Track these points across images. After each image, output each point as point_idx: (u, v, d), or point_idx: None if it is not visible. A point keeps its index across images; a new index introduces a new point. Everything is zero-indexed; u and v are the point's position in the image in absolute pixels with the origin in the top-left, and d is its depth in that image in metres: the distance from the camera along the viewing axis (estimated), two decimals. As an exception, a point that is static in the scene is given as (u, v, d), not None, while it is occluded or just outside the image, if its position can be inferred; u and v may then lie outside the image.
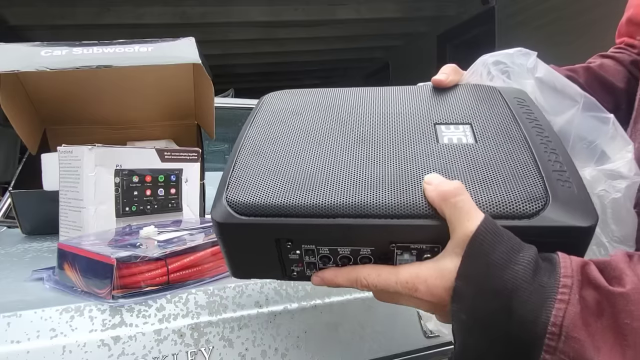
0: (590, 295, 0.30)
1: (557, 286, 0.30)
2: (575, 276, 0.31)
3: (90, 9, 3.82)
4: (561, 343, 0.29)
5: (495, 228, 0.33)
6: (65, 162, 0.81)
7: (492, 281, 0.32)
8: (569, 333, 0.29)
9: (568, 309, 0.30)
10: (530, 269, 0.31)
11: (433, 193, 0.36)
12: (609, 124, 0.45)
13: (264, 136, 0.48)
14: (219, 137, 1.22)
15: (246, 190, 0.40)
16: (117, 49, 0.95)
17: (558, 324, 0.29)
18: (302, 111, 0.51)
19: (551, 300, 0.30)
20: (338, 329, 0.65)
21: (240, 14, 4.14)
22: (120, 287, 0.55)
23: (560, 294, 0.30)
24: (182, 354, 0.56)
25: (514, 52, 0.52)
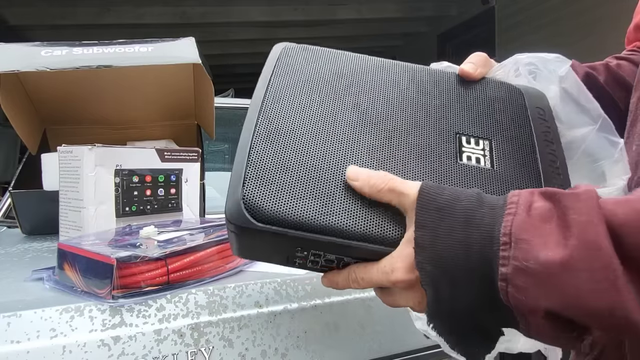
0: (541, 204, 0.32)
1: (505, 205, 0.33)
2: (522, 194, 0.33)
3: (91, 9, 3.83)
4: (512, 250, 0.31)
5: (434, 183, 0.37)
6: (65, 162, 0.81)
7: (444, 220, 0.34)
8: (517, 237, 0.31)
9: (515, 218, 0.32)
10: (475, 199, 0.34)
11: (365, 189, 0.38)
12: (617, 147, 0.46)
13: (281, 116, 0.44)
14: (219, 137, 1.22)
15: (265, 193, 0.39)
16: (117, 49, 0.95)
17: (507, 233, 0.31)
18: (322, 87, 0.47)
19: (500, 217, 0.32)
20: (338, 329, 0.65)
21: (240, 14, 4.14)
22: (120, 287, 0.55)
23: (508, 209, 0.32)
24: (182, 354, 0.56)
25: (552, 57, 0.52)
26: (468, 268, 0.33)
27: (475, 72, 0.51)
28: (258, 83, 0.48)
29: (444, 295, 0.35)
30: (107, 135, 1.15)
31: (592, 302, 0.29)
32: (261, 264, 0.73)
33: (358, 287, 0.41)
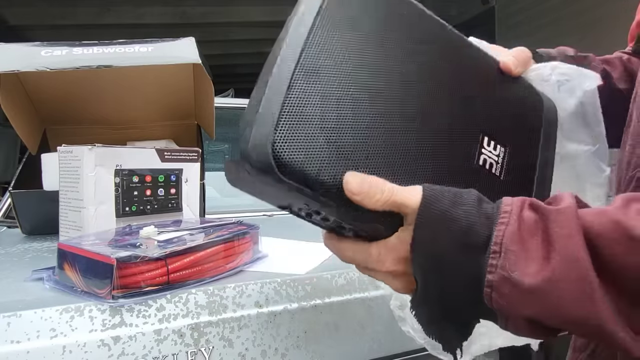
0: (529, 215, 0.34)
1: (498, 213, 0.34)
2: (514, 203, 0.35)
3: (91, 9, 3.83)
4: (500, 259, 0.32)
5: (438, 188, 0.37)
6: (65, 162, 0.81)
7: (445, 224, 0.35)
8: (507, 247, 0.33)
9: (507, 228, 0.33)
10: (475, 208, 0.35)
11: (366, 202, 0.36)
12: (603, 174, 0.49)
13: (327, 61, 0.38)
14: (219, 137, 1.22)
15: (300, 147, 0.34)
16: (117, 49, 0.95)
17: (499, 242, 0.33)
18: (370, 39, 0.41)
19: (494, 225, 0.34)
20: (338, 329, 0.65)
21: (240, 14, 4.14)
22: (120, 287, 0.55)
23: (501, 218, 0.34)
24: (182, 354, 0.56)
25: (586, 72, 0.52)
26: (460, 270, 0.35)
27: (515, 69, 0.50)
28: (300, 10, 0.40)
29: (432, 288, 0.37)
30: (107, 135, 1.15)
31: (570, 312, 0.31)
32: (261, 264, 0.73)
33: (347, 262, 0.41)
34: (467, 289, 0.35)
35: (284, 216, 1.22)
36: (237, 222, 0.77)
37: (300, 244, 0.86)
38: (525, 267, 0.32)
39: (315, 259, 0.75)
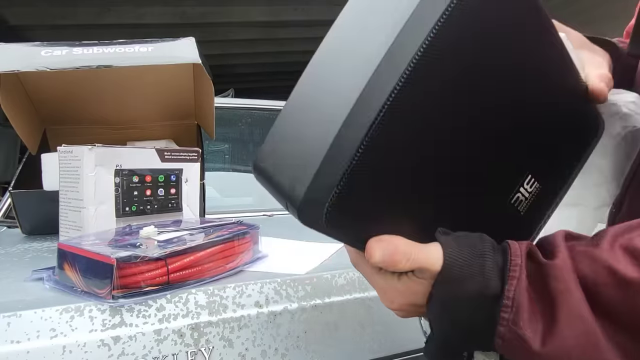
0: (532, 268, 0.35)
1: (509, 266, 0.35)
2: (522, 255, 0.35)
3: (91, 9, 3.83)
4: (512, 314, 0.34)
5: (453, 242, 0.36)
6: (65, 162, 0.81)
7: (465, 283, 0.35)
8: (518, 303, 0.34)
9: (518, 284, 0.34)
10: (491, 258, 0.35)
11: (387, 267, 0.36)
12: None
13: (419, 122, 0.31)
14: (219, 137, 1.22)
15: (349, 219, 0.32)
16: (117, 49, 0.95)
17: (511, 297, 0.34)
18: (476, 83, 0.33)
19: (506, 278, 0.34)
20: (338, 329, 0.65)
21: (240, 14, 4.14)
22: (120, 287, 0.55)
23: (511, 272, 0.35)
24: (182, 354, 0.56)
25: None
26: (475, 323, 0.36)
27: (603, 97, 0.42)
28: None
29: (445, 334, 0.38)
30: (107, 135, 1.15)
31: None
32: (261, 264, 0.73)
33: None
34: (479, 338, 0.37)
35: (284, 216, 1.22)
36: (237, 222, 0.77)
37: (300, 244, 0.86)
38: (536, 325, 0.33)
39: (315, 259, 0.75)
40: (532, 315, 0.34)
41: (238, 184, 1.58)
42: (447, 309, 0.37)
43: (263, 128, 1.74)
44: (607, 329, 0.32)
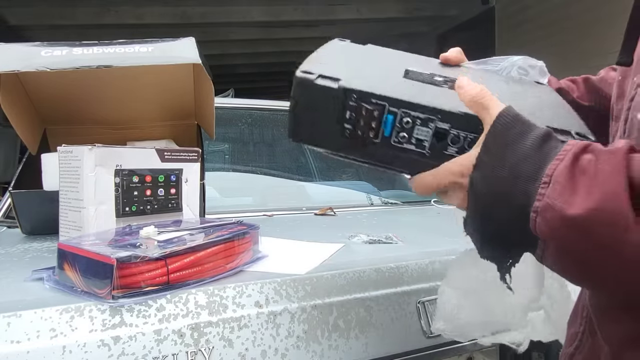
0: (586, 156, 0.37)
1: (558, 152, 0.38)
2: (575, 145, 0.38)
3: (90, 9, 3.83)
4: (549, 189, 0.37)
5: (514, 112, 0.41)
6: (65, 162, 0.81)
7: (507, 153, 0.40)
8: (555, 179, 0.37)
9: (560, 164, 0.37)
10: (537, 142, 0.39)
11: (465, 97, 0.45)
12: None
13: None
14: (219, 137, 1.22)
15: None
16: (117, 49, 0.95)
17: (549, 174, 0.37)
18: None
19: (550, 160, 0.38)
20: (338, 329, 0.65)
21: (240, 14, 4.14)
22: (120, 287, 0.55)
23: (559, 155, 0.38)
24: (182, 354, 0.56)
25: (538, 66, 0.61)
26: (511, 197, 0.39)
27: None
28: None
29: (483, 207, 0.42)
30: (107, 135, 1.15)
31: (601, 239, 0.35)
32: (261, 264, 0.73)
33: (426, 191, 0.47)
34: (514, 215, 0.39)
35: (284, 216, 1.22)
36: (237, 222, 0.77)
37: (300, 244, 0.86)
38: (569, 197, 0.36)
39: (315, 259, 0.75)
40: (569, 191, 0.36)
41: (238, 184, 1.58)
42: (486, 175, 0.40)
43: (263, 128, 1.74)
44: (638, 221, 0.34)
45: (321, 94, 0.47)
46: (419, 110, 0.45)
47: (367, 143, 0.47)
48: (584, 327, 0.49)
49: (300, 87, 0.48)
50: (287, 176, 1.69)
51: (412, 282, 0.72)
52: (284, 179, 1.67)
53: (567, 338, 0.54)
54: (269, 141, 1.75)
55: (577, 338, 0.50)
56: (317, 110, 0.48)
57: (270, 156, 1.74)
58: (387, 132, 0.46)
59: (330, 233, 0.97)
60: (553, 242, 0.38)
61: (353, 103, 0.46)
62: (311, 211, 1.23)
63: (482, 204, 0.42)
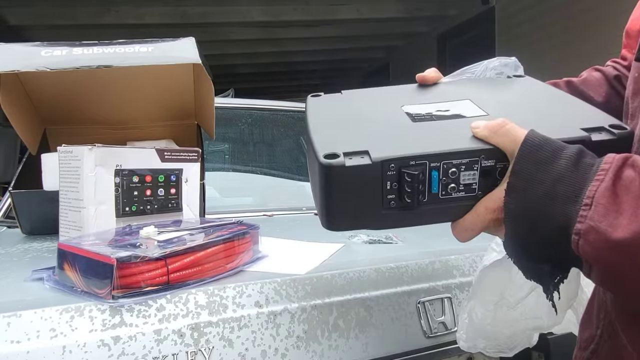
0: (627, 173, 0.36)
1: (597, 171, 0.37)
2: (614, 162, 0.37)
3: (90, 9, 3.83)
4: (590, 211, 0.35)
5: (541, 135, 0.40)
6: (65, 162, 0.81)
7: (539, 174, 0.38)
8: (597, 202, 0.35)
9: (601, 185, 0.36)
10: (572, 161, 0.38)
11: (484, 131, 0.43)
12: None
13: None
14: (219, 137, 1.22)
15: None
16: (117, 49, 0.95)
17: (591, 196, 0.36)
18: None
19: (590, 181, 0.36)
20: (338, 329, 0.65)
21: (240, 14, 4.14)
22: (120, 287, 0.55)
23: (597, 175, 0.36)
24: (182, 354, 0.56)
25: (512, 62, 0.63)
26: (549, 218, 0.38)
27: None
28: None
29: (521, 231, 0.40)
30: (107, 135, 1.15)
31: None
32: (261, 264, 0.73)
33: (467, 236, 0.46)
34: (555, 236, 0.38)
35: (284, 216, 1.22)
36: (237, 222, 0.77)
37: (300, 244, 0.86)
38: (614, 219, 0.34)
39: (315, 259, 0.75)
40: (614, 213, 0.34)
41: (238, 184, 1.58)
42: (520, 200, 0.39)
43: (263, 128, 1.74)
44: None
45: (356, 174, 0.43)
46: (462, 156, 0.43)
47: (415, 207, 0.44)
48: (601, 331, 0.47)
49: (331, 175, 0.43)
50: (287, 176, 1.69)
51: (412, 282, 0.72)
52: (284, 179, 1.67)
53: (580, 340, 0.52)
54: (269, 141, 1.75)
55: (594, 342, 0.48)
56: (353, 193, 0.44)
57: (270, 156, 1.74)
58: (435, 188, 0.43)
59: (330, 233, 0.97)
60: (598, 264, 0.36)
61: (392, 172, 0.43)
62: (311, 211, 1.23)
63: (520, 228, 0.40)
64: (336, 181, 0.43)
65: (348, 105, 0.60)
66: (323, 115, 0.56)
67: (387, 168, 0.43)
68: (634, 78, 0.50)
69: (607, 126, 0.44)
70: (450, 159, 0.43)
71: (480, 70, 0.63)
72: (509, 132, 0.42)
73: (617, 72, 0.63)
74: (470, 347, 0.60)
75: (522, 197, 0.39)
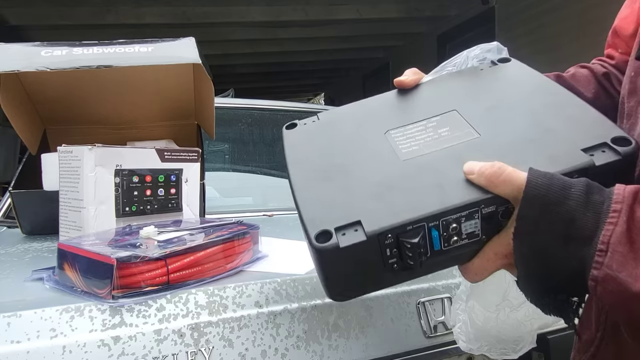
0: (637, 210, 0.34)
1: (608, 211, 0.35)
2: (625, 201, 0.35)
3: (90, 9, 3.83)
4: (607, 258, 0.34)
5: (542, 173, 0.38)
6: (65, 162, 0.81)
7: (548, 216, 0.36)
8: (614, 249, 0.34)
9: (615, 229, 0.34)
10: (581, 201, 0.36)
11: (481, 180, 0.41)
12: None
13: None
14: (219, 137, 1.22)
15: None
16: (117, 49, 0.95)
17: (605, 242, 0.34)
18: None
19: (603, 224, 0.35)
20: (338, 329, 0.65)
21: (240, 14, 4.14)
22: (120, 287, 0.55)
23: (610, 218, 0.35)
24: (182, 354, 0.56)
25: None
26: (563, 261, 0.36)
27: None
28: None
29: (535, 275, 0.39)
30: (107, 135, 1.15)
31: None
32: (261, 264, 0.73)
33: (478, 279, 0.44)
34: (570, 277, 0.37)
35: (284, 216, 1.22)
36: (237, 222, 0.77)
37: (301, 244, 0.86)
38: (634, 268, 0.33)
39: (315, 259, 0.75)
40: (633, 261, 0.33)
41: (238, 184, 1.58)
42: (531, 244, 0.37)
43: (263, 128, 1.74)
44: None
45: (352, 252, 0.40)
46: (461, 210, 0.41)
47: (419, 266, 0.42)
48: (601, 334, 0.46)
49: (327, 258, 0.41)
50: (288, 176, 1.68)
51: (412, 282, 0.72)
52: (284, 179, 1.66)
53: (578, 343, 0.51)
54: (269, 141, 1.75)
55: (594, 344, 0.47)
56: (352, 268, 0.42)
57: (270, 156, 1.74)
58: (437, 246, 0.41)
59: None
60: (618, 310, 0.36)
61: (390, 241, 0.41)
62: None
63: (533, 270, 0.39)
64: (332, 262, 0.42)
65: (328, 140, 0.55)
66: (304, 160, 0.53)
67: (384, 239, 0.40)
68: (630, 77, 0.49)
69: (609, 141, 0.41)
70: (449, 215, 0.41)
71: (462, 62, 0.60)
72: (508, 180, 0.39)
73: (605, 70, 0.63)
74: (472, 349, 0.59)
75: (532, 241, 0.37)
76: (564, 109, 0.48)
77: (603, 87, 0.62)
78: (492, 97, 0.53)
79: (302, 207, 0.46)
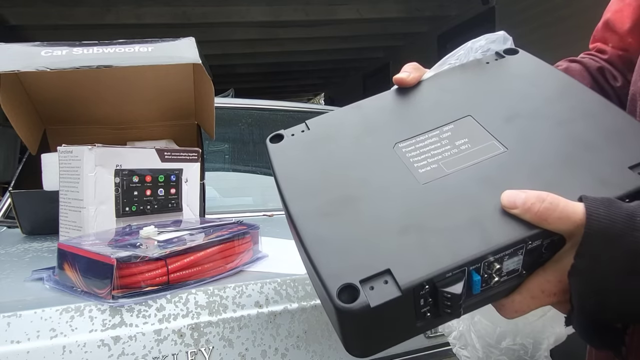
0: None
1: None
2: None
3: (90, 9, 3.83)
4: None
5: (600, 200, 0.34)
6: (65, 162, 0.81)
7: (610, 252, 0.32)
8: None
9: None
10: None
11: (529, 216, 0.35)
12: None
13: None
14: (219, 137, 1.22)
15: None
16: (117, 49, 0.95)
17: None
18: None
19: None
20: (338, 329, 0.65)
21: (240, 14, 4.14)
22: (120, 287, 0.55)
23: None
24: (182, 354, 0.56)
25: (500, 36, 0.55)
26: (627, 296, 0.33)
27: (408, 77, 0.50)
28: None
29: (594, 312, 0.35)
30: (107, 135, 1.15)
31: None
32: (261, 264, 0.73)
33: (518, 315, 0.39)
34: (633, 310, 0.34)
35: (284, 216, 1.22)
36: (237, 222, 0.77)
37: (300, 244, 0.86)
38: None
39: (315, 259, 0.75)
40: None
41: (238, 184, 1.58)
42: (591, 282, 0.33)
43: (263, 128, 1.74)
44: None
45: (382, 311, 0.33)
46: (506, 250, 0.35)
47: (456, 313, 0.36)
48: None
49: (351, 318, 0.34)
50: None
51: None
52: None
53: (592, 358, 0.49)
54: (269, 141, 1.75)
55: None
56: (381, 325, 0.35)
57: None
58: (477, 289, 0.36)
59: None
60: None
61: (426, 291, 0.34)
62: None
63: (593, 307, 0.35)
64: (358, 322, 0.34)
65: (327, 158, 0.45)
66: (302, 188, 0.43)
67: (419, 290, 0.34)
68: None
69: None
70: (493, 255, 0.35)
71: (465, 53, 0.54)
72: (565, 217, 0.34)
73: (599, 65, 0.61)
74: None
75: (592, 279, 0.34)
76: (596, 116, 0.42)
77: (597, 82, 0.60)
78: (509, 99, 0.47)
79: (313, 254, 0.37)
